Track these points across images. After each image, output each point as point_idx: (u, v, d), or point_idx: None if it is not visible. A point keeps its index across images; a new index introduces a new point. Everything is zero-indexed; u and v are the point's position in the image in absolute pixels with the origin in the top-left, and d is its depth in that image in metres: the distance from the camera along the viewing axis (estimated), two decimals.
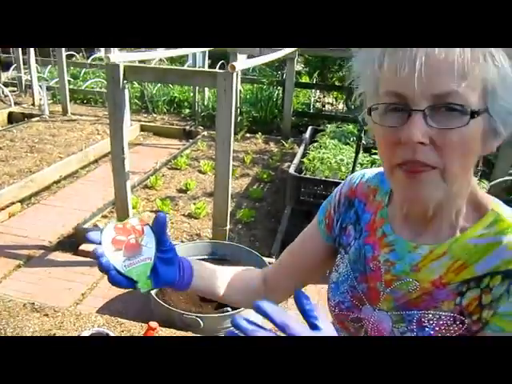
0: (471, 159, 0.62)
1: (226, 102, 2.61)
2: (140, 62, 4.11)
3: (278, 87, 6.60)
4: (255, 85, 7.02)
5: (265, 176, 4.57)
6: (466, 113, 0.57)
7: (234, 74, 2.59)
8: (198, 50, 5.76)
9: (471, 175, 0.66)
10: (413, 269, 0.69)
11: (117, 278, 0.72)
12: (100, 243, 0.72)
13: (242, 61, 5.42)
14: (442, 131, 0.57)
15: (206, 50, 5.86)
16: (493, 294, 0.62)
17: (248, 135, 6.00)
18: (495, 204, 0.68)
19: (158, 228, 0.76)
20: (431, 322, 0.67)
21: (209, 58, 6.76)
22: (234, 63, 2.65)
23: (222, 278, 0.91)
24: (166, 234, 0.78)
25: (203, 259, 2.70)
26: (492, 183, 3.57)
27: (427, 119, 0.57)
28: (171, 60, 8.93)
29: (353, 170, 2.85)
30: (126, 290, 0.76)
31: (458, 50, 0.55)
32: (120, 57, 2.86)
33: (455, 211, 0.67)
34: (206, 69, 6.24)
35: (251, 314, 0.61)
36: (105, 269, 0.71)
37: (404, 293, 0.70)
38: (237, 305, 1.02)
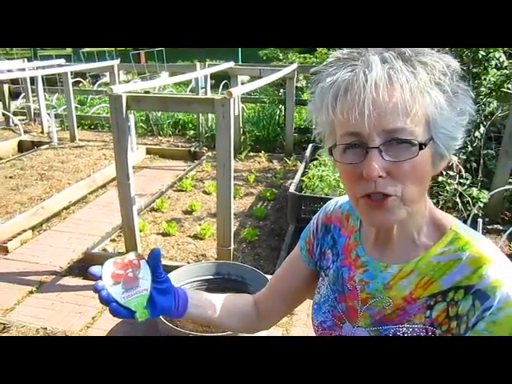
0: (425, 182, 0.71)
1: (224, 126, 2.71)
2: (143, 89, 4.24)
3: (280, 105, 6.69)
4: (257, 104, 7.13)
5: (268, 194, 4.64)
6: (415, 145, 0.65)
7: (232, 100, 2.69)
8: (200, 75, 5.90)
9: (426, 195, 0.75)
10: (385, 287, 0.76)
11: (117, 309, 0.79)
12: (101, 277, 0.80)
13: (243, 84, 5.55)
14: (396, 163, 0.66)
15: (208, 73, 5.99)
16: (459, 308, 0.68)
17: (251, 154, 6.09)
18: (453, 223, 0.75)
19: (153, 261, 0.84)
20: (405, 334, 0.73)
21: (211, 79, 6.90)
22: (231, 89, 2.75)
23: (216, 305, 0.97)
24: (161, 266, 0.85)
25: (208, 279, 2.78)
26: (492, 193, 3.58)
27: (382, 154, 0.66)
28: (175, 82, 9.08)
29: None
30: None
31: (399, 91, 0.64)
32: (122, 87, 2.99)
33: (416, 229, 0.75)
34: (209, 94, 6.39)
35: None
36: (105, 301, 0.78)
37: (379, 309, 0.77)
38: (230, 329, 1.08)
